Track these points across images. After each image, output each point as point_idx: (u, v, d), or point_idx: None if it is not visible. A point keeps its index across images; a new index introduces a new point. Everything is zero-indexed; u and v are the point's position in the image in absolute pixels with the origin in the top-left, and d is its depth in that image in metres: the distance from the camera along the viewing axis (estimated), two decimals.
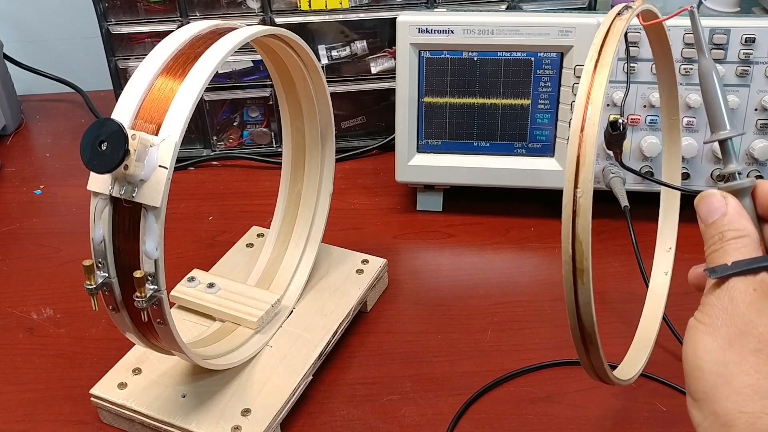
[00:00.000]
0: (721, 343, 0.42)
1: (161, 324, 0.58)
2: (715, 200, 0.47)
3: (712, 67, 0.50)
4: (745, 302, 0.42)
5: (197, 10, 1.01)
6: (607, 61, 0.46)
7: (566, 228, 0.45)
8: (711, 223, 0.46)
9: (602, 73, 0.46)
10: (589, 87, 0.46)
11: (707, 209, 0.47)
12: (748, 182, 0.48)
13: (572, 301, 0.48)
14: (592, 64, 0.47)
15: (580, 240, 0.45)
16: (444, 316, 0.81)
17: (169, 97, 0.56)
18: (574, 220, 0.45)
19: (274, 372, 0.70)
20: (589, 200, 0.45)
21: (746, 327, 0.42)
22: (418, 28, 0.87)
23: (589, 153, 0.45)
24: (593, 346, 0.49)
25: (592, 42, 0.48)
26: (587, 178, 0.45)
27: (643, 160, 0.88)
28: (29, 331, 0.81)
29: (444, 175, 0.94)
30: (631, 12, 0.49)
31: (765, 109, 0.85)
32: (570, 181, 0.45)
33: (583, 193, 0.45)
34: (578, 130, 0.45)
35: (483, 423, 0.68)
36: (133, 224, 0.56)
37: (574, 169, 0.45)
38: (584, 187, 0.45)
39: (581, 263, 0.46)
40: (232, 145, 1.10)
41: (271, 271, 0.80)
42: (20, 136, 1.19)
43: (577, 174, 0.45)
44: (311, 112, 0.77)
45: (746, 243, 0.45)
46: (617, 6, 0.50)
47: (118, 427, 0.69)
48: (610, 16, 0.49)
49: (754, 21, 0.84)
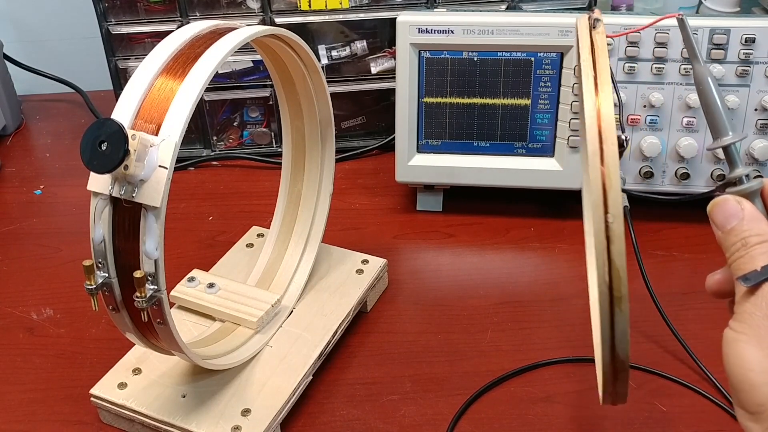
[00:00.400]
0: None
1: (161, 324, 0.58)
2: (730, 206, 0.46)
3: (707, 74, 0.49)
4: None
5: (197, 10, 1.01)
6: (606, 78, 0.45)
7: (600, 256, 0.43)
8: (729, 229, 0.45)
9: (606, 90, 0.45)
10: (597, 106, 0.44)
11: (723, 216, 0.46)
12: (756, 184, 0.47)
13: (608, 331, 0.45)
14: (591, 81, 0.45)
15: (617, 266, 0.43)
16: (444, 316, 0.81)
17: (169, 97, 0.56)
18: (609, 247, 0.43)
19: (274, 372, 0.70)
20: (621, 224, 0.43)
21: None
22: (418, 28, 0.87)
23: (614, 175, 0.43)
24: (623, 374, 0.47)
25: (581, 59, 0.47)
26: (617, 201, 0.42)
27: (643, 160, 0.88)
28: (29, 331, 0.81)
29: (444, 175, 0.94)
30: (602, 24, 0.49)
31: (765, 109, 0.85)
32: (599, 206, 0.43)
33: (614, 218, 0.42)
34: (597, 152, 0.43)
35: (483, 423, 0.68)
36: (133, 224, 0.56)
37: (600, 194, 0.43)
38: (615, 211, 0.42)
39: (619, 290, 0.43)
40: (232, 145, 1.10)
41: (271, 271, 0.80)
42: (20, 136, 1.19)
43: (605, 199, 0.43)
44: (311, 112, 0.77)
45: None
46: (580, 18, 0.50)
47: (118, 427, 0.69)
48: (585, 31, 0.48)
49: (754, 21, 0.84)
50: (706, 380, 0.72)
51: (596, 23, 0.49)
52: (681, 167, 0.88)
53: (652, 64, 0.85)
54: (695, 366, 0.73)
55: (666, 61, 0.85)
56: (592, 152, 0.43)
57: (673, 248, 0.88)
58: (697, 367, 0.73)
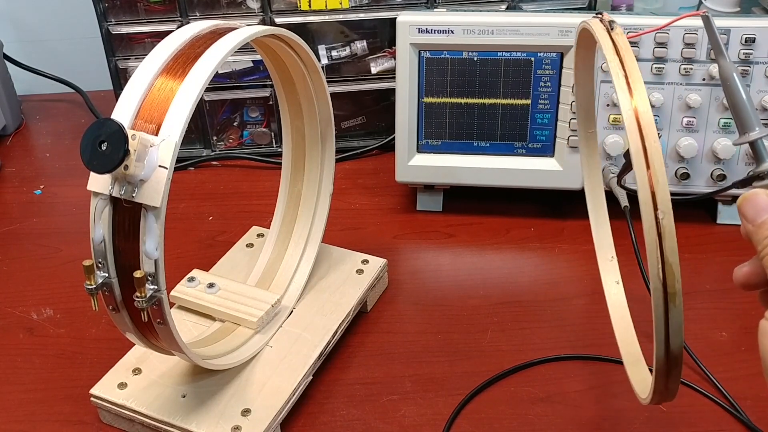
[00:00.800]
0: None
1: (161, 324, 0.58)
2: (761, 200, 0.46)
3: (733, 69, 0.49)
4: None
5: (197, 10, 1.01)
6: (638, 76, 0.45)
7: (653, 253, 0.44)
8: (761, 222, 0.45)
9: (639, 89, 0.45)
10: (633, 105, 0.44)
11: (754, 209, 0.46)
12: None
13: (662, 327, 0.45)
14: (623, 81, 0.45)
15: (670, 263, 0.43)
16: (444, 316, 0.81)
17: (169, 97, 0.56)
18: (661, 243, 0.43)
19: (274, 372, 0.70)
20: (672, 220, 0.43)
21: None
22: (418, 28, 0.87)
23: (659, 172, 0.43)
24: (676, 370, 0.47)
25: (608, 60, 0.47)
26: (666, 198, 0.43)
27: None
28: (29, 331, 0.81)
29: (444, 175, 0.94)
30: (616, 24, 0.49)
31: (765, 109, 0.85)
32: (648, 204, 0.43)
33: (664, 214, 0.43)
34: (641, 151, 0.43)
35: (483, 423, 0.68)
36: (133, 224, 0.56)
37: (648, 191, 0.43)
38: (664, 207, 0.43)
39: (672, 287, 0.44)
40: (232, 145, 1.10)
41: (271, 271, 0.80)
42: (20, 136, 1.19)
43: (654, 196, 0.43)
44: (311, 112, 0.77)
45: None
46: (594, 23, 0.50)
47: (118, 427, 0.69)
48: (603, 34, 0.48)
49: (754, 21, 0.84)
50: (706, 380, 0.72)
51: (612, 25, 0.49)
52: (681, 167, 0.88)
53: (652, 64, 0.85)
54: (695, 366, 0.73)
55: (666, 61, 0.85)
56: (635, 151, 0.43)
57: None
58: (697, 367, 0.73)
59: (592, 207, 0.69)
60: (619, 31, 0.49)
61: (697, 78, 0.85)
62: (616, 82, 0.46)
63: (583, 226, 0.92)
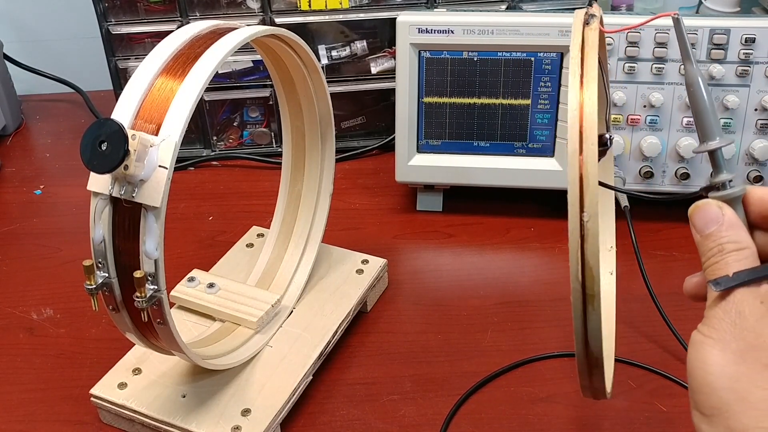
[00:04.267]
0: (731, 358, 0.41)
1: (161, 324, 0.58)
2: (711, 211, 0.46)
3: (698, 75, 0.49)
4: (755, 316, 0.42)
5: (197, 10, 1.01)
6: (593, 76, 0.45)
7: (574, 254, 0.44)
8: (708, 234, 0.45)
9: (591, 88, 0.44)
10: (580, 104, 0.44)
11: (703, 220, 0.46)
12: (739, 190, 0.47)
13: (581, 327, 0.46)
14: (577, 79, 0.45)
15: (590, 265, 0.44)
16: (444, 316, 0.81)
17: (169, 97, 0.56)
18: (583, 245, 0.44)
19: (274, 372, 0.70)
20: (597, 224, 0.43)
21: (757, 341, 0.41)
22: (418, 28, 0.87)
23: (591, 174, 0.43)
24: (598, 370, 0.48)
25: (570, 56, 0.46)
26: (593, 201, 0.43)
27: (643, 160, 0.88)
28: (29, 331, 0.81)
29: (444, 175, 0.94)
30: (596, 20, 0.48)
31: (765, 109, 0.85)
32: (574, 205, 0.43)
33: (590, 217, 0.43)
34: (576, 152, 0.43)
35: (483, 423, 0.68)
36: (133, 224, 0.56)
37: (577, 193, 0.43)
38: (590, 210, 0.43)
39: (591, 289, 0.44)
40: (232, 145, 1.10)
41: (271, 271, 0.80)
42: (20, 136, 1.19)
43: (581, 198, 0.43)
44: (311, 112, 0.77)
45: (747, 255, 0.44)
46: (578, 13, 0.49)
47: (118, 427, 0.69)
48: (578, 27, 0.48)
49: (754, 21, 0.84)
50: None
51: (590, 19, 0.48)
52: (681, 167, 0.88)
53: (652, 64, 0.85)
54: None
55: (666, 61, 0.85)
56: (571, 151, 0.44)
57: (673, 248, 0.88)
58: None
59: (600, 194, 0.68)
60: (594, 26, 0.47)
61: None
62: (570, 79, 0.45)
63: None
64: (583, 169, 0.43)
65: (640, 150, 0.88)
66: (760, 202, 0.46)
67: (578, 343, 0.46)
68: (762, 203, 0.46)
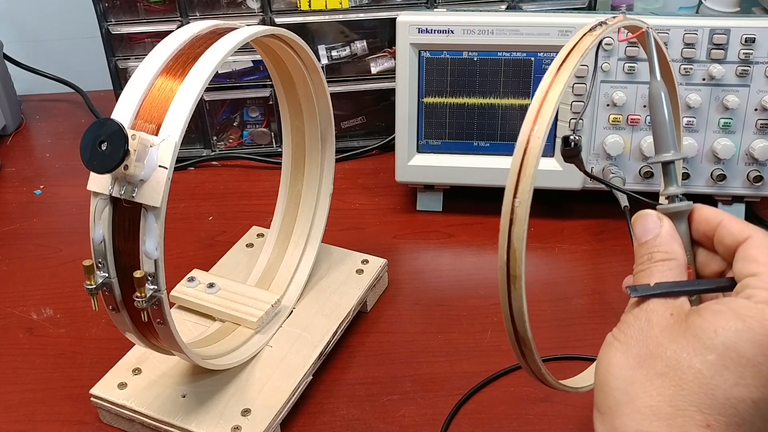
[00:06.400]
0: (631, 362, 0.43)
1: (161, 324, 0.58)
2: (650, 221, 0.48)
3: (662, 90, 0.51)
4: (661, 325, 0.43)
5: (197, 10, 1.01)
6: (563, 77, 0.47)
7: (503, 235, 0.47)
8: (644, 242, 0.47)
9: (556, 89, 0.47)
10: (541, 101, 0.46)
11: (642, 229, 0.48)
12: (685, 206, 0.49)
13: (507, 307, 0.49)
14: (549, 78, 0.47)
15: (515, 248, 0.47)
16: (444, 316, 0.81)
17: (169, 97, 0.56)
18: (510, 228, 0.47)
19: (274, 372, 0.70)
20: (526, 210, 0.46)
21: (657, 350, 0.42)
22: (418, 28, 0.87)
23: (530, 165, 0.45)
24: (528, 350, 0.50)
25: (558, 53, 0.48)
26: (526, 189, 0.45)
27: (642, 160, 0.88)
28: (29, 331, 0.81)
29: (444, 175, 0.94)
30: (604, 28, 0.49)
31: (765, 109, 0.85)
32: (510, 190, 0.46)
33: (520, 203, 0.46)
34: (524, 142, 0.46)
35: (483, 423, 0.68)
36: (133, 224, 0.56)
37: (515, 179, 0.46)
38: (522, 197, 0.46)
39: (515, 270, 0.47)
40: (232, 145, 1.10)
41: (271, 271, 0.80)
42: (20, 136, 1.19)
43: (517, 184, 0.46)
44: (311, 112, 0.77)
45: (672, 266, 0.46)
46: (596, 19, 0.50)
47: (118, 427, 0.69)
48: (582, 31, 0.49)
49: (754, 21, 0.84)
50: None
51: (598, 26, 0.49)
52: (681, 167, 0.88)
53: None
54: None
55: None
56: (521, 139, 0.46)
57: None
58: None
59: None
60: (597, 32, 0.49)
61: (697, 78, 0.85)
62: (545, 76, 0.47)
63: (583, 226, 0.93)
64: (525, 158, 0.46)
65: (640, 150, 0.88)
66: (705, 222, 0.48)
67: (507, 325, 0.50)
68: (707, 223, 0.48)
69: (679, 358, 0.41)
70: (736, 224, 0.46)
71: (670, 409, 0.41)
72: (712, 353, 0.41)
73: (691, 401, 0.40)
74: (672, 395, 0.41)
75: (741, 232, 0.46)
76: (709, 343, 0.41)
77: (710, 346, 0.41)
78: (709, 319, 0.42)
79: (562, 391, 0.57)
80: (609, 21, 0.50)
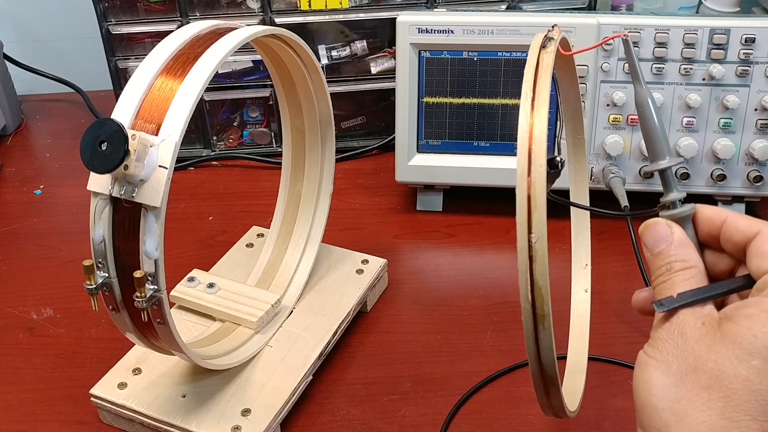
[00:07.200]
0: (673, 380, 0.42)
1: (161, 324, 0.58)
2: (660, 229, 0.46)
3: (648, 96, 0.50)
4: (695, 337, 0.42)
5: (197, 10, 1.01)
6: (544, 99, 0.45)
7: (524, 275, 0.44)
8: (657, 252, 0.46)
9: (541, 112, 0.45)
10: (530, 127, 0.45)
11: (653, 238, 0.47)
12: (689, 209, 0.48)
13: (533, 347, 0.47)
14: (528, 103, 0.45)
15: (539, 286, 0.44)
16: (444, 316, 0.81)
17: (169, 97, 0.56)
18: (531, 266, 0.44)
19: (274, 372, 0.70)
20: (545, 244, 0.44)
21: (697, 363, 0.41)
22: (418, 28, 0.87)
23: (539, 196, 0.43)
24: (554, 388, 0.49)
25: (524, 79, 0.47)
26: (541, 222, 0.43)
27: (642, 160, 0.88)
28: (29, 331, 0.81)
29: (444, 175, 0.94)
30: (554, 43, 0.49)
31: (765, 109, 0.85)
32: (523, 225, 0.44)
33: (538, 238, 0.44)
34: (525, 174, 0.44)
35: (483, 423, 0.68)
36: (133, 224, 0.56)
37: (526, 214, 0.44)
38: (539, 231, 0.44)
39: (542, 309, 0.45)
40: (232, 145, 1.10)
41: (271, 271, 0.80)
42: (20, 136, 1.19)
43: (530, 219, 0.44)
44: (311, 112, 0.77)
45: (694, 274, 0.45)
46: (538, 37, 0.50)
47: (118, 427, 0.69)
48: (535, 51, 0.48)
49: (754, 21, 0.84)
50: None
51: (547, 42, 0.49)
52: (681, 167, 0.88)
53: (652, 64, 0.85)
54: None
55: (666, 61, 0.85)
56: (520, 173, 0.44)
57: None
58: None
59: (574, 213, 0.69)
60: (550, 49, 0.48)
61: (697, 78, 0.85)
62: (522, 101, 0.46)
63: None
64: (531, 190, 0.44)
65: (640, 150, 0.88)
66: (709, 222, 0.47)
67: (532, 363, 0.47)
68: (711, 223, 0.47)
69: (722, 368, 0.40)
70: (743, 220, 0.45)
71: (724, 421, 0.40)
72: (756, 358, 0.40)
73: (744, 410, 0.39)
74: (722, 407, 0.40)
75: (749, 228, 0.45)
76: (751, 348, 0.40)
77: (752, 351, 0.40)
78: (745, 324, 0.41)
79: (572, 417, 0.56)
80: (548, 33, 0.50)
